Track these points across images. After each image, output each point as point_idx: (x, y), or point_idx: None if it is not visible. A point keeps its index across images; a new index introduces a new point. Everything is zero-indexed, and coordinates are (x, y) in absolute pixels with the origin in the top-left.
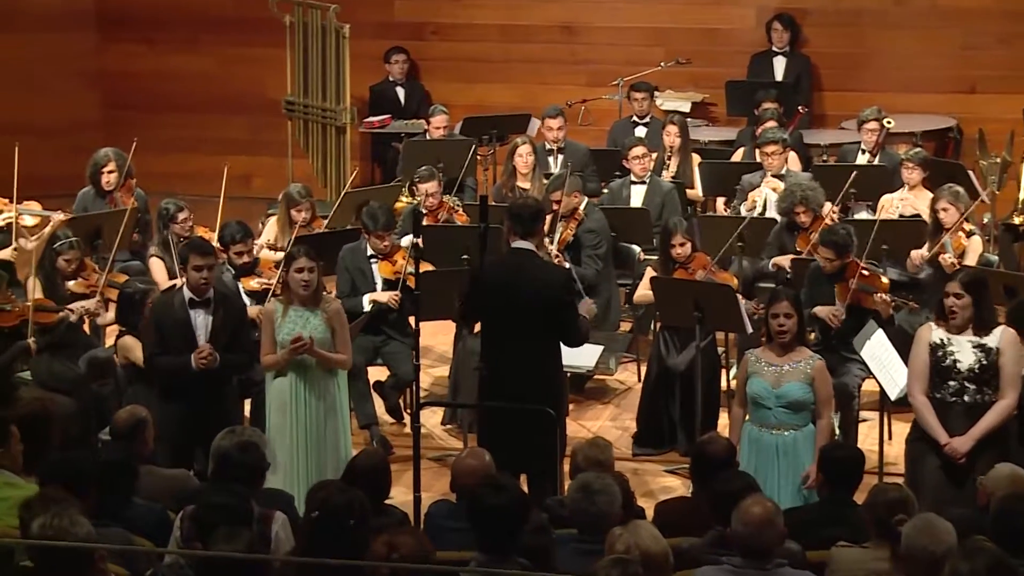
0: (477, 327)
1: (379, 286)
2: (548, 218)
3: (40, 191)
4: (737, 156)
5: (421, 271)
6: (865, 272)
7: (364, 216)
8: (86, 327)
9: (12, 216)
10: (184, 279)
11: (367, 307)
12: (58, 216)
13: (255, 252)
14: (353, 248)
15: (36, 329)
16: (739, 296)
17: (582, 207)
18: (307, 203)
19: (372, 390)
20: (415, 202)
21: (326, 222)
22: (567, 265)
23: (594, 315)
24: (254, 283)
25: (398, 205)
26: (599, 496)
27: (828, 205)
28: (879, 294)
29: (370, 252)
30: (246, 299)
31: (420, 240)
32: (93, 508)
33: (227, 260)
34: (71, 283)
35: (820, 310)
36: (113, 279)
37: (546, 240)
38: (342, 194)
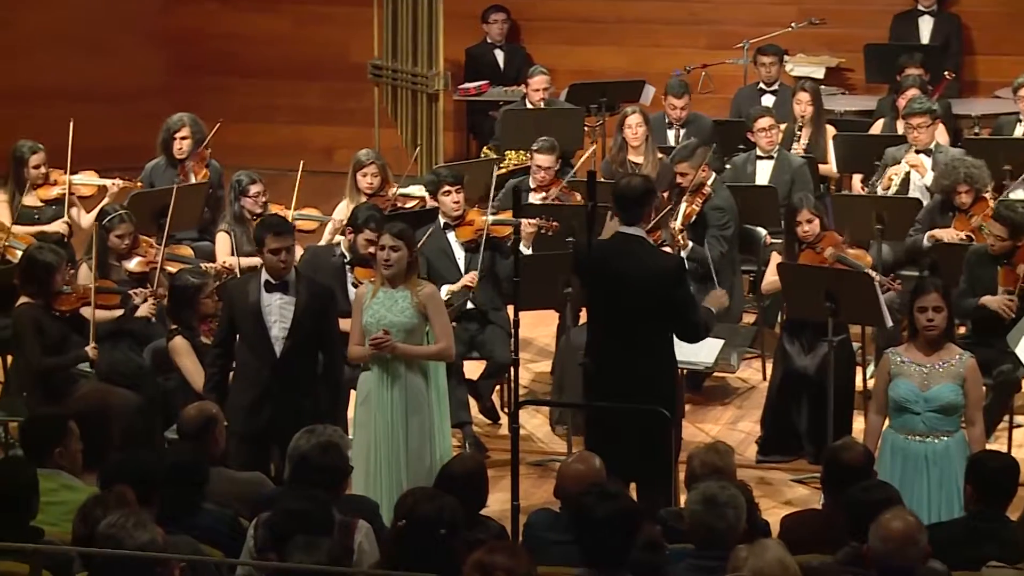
0: (583, 317)
1: (460, 259)
2: (665, 195)
3: (100, 163)
4: (876, 128)
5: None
6: None
7: (427, 182)
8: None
9: (65, 188)
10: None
11: (444, 297)
12: (116, 183)
13: (328, 233)
14: (428, 229)
15: (99, 328)
16: (875, 275)
17: (710, 182)
18: (375, 165)
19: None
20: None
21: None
22: (689, 244)
23: (725, 307)
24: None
25: (500, 173)
26: (726, 509)
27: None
28: None
29: (444, 222)
30: (351, 290)
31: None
32: (158, 514)
33: (350, 244)
34: (129, 264)
35: (989, 300)
36: (174, 252)
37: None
38: (433, 168)
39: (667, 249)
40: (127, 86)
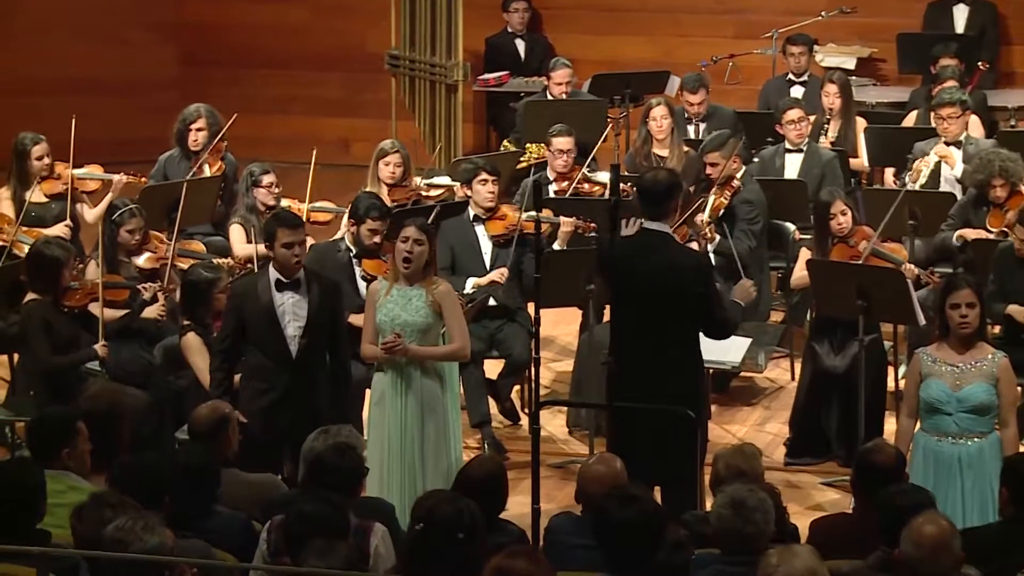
0: (606, 315)
1: (487, 255)
2: (691, 189)
3: (109, 157)
4: (909, 120)
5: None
6: None
7: (461, 170)
8: (162, 309)
9: (70, 180)
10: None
11: (468, 290)
12: (120, 178)
13: (344, 225)
14: (455, 220)
15: (107, 325)
16: (913, 268)
17: (739, 175)
18: (398, 155)
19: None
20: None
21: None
22: (717, 238)
23: (752, 300)
24: (383, 269)
25: (520, 166)
26: (754, 514)
27: None
28: None
29: (473, 214)
30: (362, 284)
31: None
32: (169, 517)
33: (354, 236)
34: (139, 259)
35: (1016, 311)
36: (185, 247)
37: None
38: (452, 161)
39: (694, 244)
40: (138, 77)
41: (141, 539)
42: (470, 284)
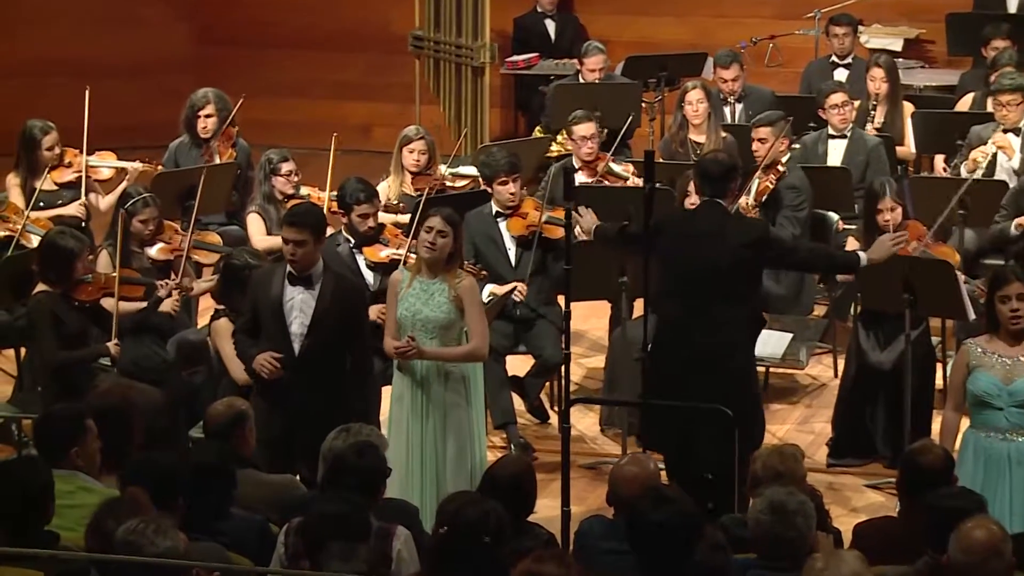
0: (638, 310)
1: (511, 252)
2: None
3: (120, 141)
4: (964, 104)
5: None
6: None
7: (481, 165)
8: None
9: (82, 170)
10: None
11: (484, 297)
12: (135, 166)
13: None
14: (477, 212)
15: (120, 322)
16: (959, 275)
17: (785, 159)
18: (423, 141)
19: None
20: (566, 150)
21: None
22: None
23: (890, 255)
24: (382, 253)
25: (549, 154)
26: (795, 518)
27: None
28: None
29: (496, 210)
30: (368, 275)
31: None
32: (182, 519)
33: (347, 226)
34: (152, 250)
35: None
36: (201, 239)
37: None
38: (478, 148)
39: None
40: (150, 59)
41: (153, 543)
42: (486, 292)
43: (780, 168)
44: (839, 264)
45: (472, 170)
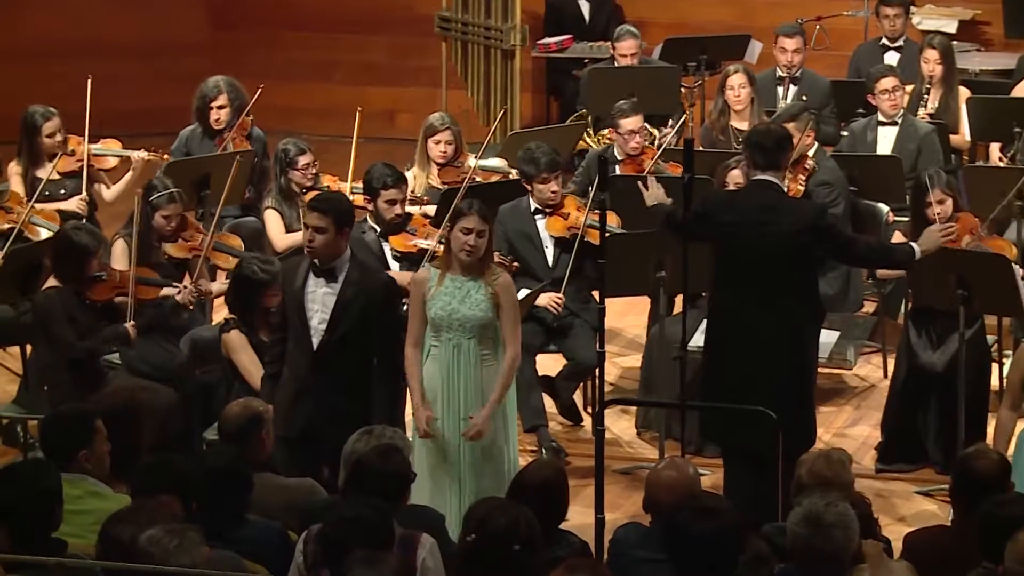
0: (677, 306)
1: (549, 251)
2: None
3: (129, 128)
4: (1021, 89)
5: (608, 229)
6: None
7: (520, 161)
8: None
9: (84, 158)
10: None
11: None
12: (140, 155)
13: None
14: (513, 206)
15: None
16: (1016, 269)
17: (811, 152)
18: (449, 131)
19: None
20: (601, 145)
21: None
22: None
23: (939, 246)
24: (410, 242)
25: (583, 146)
26: (832, 531)
27: None
28: None
29: (534, 206)
30: (393, 264)
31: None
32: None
33: (373, 213)
34: (168, 246)
35: None
36: (221, 241)
37: None
38: (508, 133)
39: None
40: (163, 40)
41: (173, 556)
42: (520, 295)
43: (808, 164)
44: (898, 259)
45: (500, 163)
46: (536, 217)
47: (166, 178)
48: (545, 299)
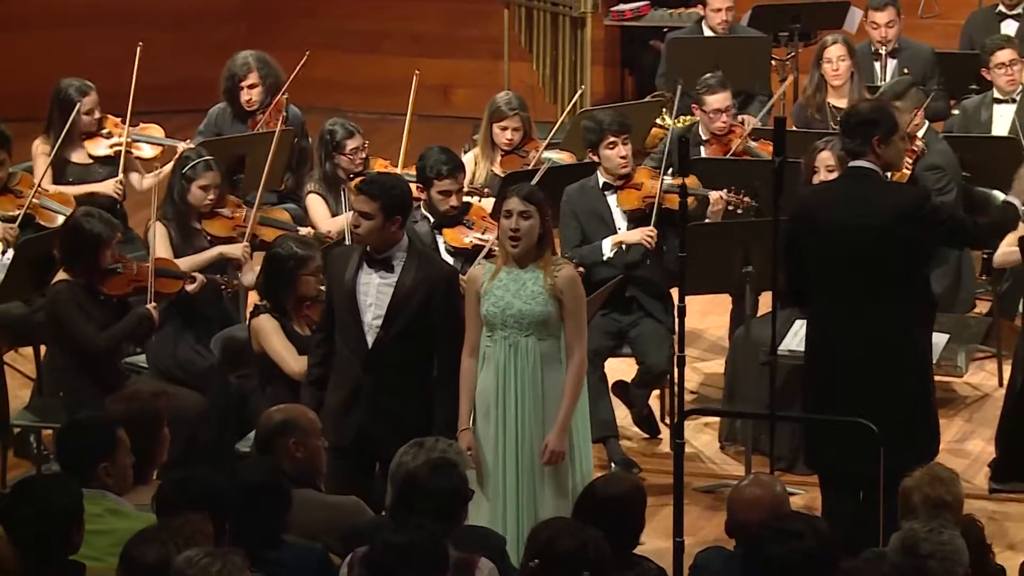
0: (764, 306)
1: (623, 230)
2: None
3: (155, 105)
4: None
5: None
6: None
7: (584, 131)
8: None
9: (122, 142)
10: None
11: (608, 253)
12: (185, 146)
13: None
14: (580, 185)
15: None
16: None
17: (921, 133)
18: (518, 117)
19: (612, 393)
20: (679, 125)
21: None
22: None
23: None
24: (465, 238)
25: (653, 131)
26: (928, 561)
27: None
28: None
29: (603, 181)
30: (448, 260)
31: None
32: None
33: (425, 203)
34: (208, 223)
35: None
36: (269, 216)
37: None
38: (577, 113)
39: None
40: (196, 7)
41: None
42: (608, 245)
43: (917, 145)
44: (1011, 223)
45: (568, 157)
46: (606, 193)
47: (200, 148)
48: (638, 234)
